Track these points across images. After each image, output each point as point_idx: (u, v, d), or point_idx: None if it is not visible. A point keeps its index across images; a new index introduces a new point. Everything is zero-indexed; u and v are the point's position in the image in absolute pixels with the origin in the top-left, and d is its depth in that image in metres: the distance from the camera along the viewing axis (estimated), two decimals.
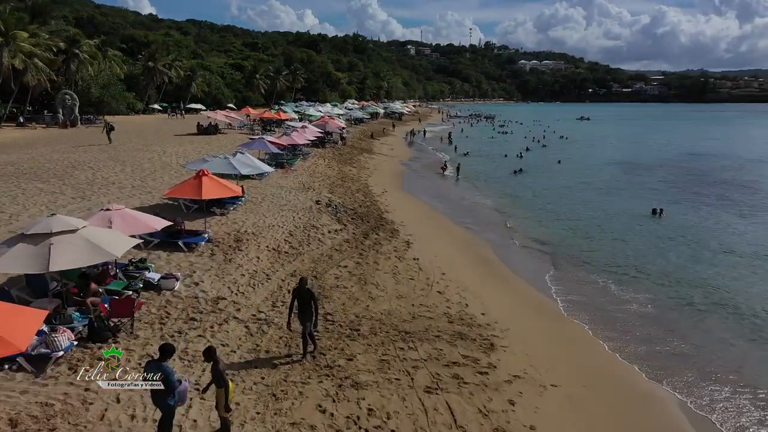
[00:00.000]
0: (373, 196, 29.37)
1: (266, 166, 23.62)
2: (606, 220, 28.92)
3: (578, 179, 42.18)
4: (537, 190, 37.15)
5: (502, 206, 31.57)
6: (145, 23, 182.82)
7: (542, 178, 42.51)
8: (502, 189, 37.30)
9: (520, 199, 33.75)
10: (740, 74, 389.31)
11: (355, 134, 62.78)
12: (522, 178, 42.14)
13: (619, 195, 36.08)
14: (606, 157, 58.45)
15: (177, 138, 43.88)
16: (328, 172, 34.72)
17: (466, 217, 28.11)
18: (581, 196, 35.59)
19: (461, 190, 36.87)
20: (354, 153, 46.57)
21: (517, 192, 36.24)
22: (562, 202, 33.09)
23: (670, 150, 66.43)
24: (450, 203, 31.61)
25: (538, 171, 46.36)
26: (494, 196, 34.70)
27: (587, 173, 45.94)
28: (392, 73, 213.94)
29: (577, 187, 38.50)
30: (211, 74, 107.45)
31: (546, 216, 29.31)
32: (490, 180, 41.12)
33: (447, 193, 35.28)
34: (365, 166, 40.87)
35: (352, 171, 37.14)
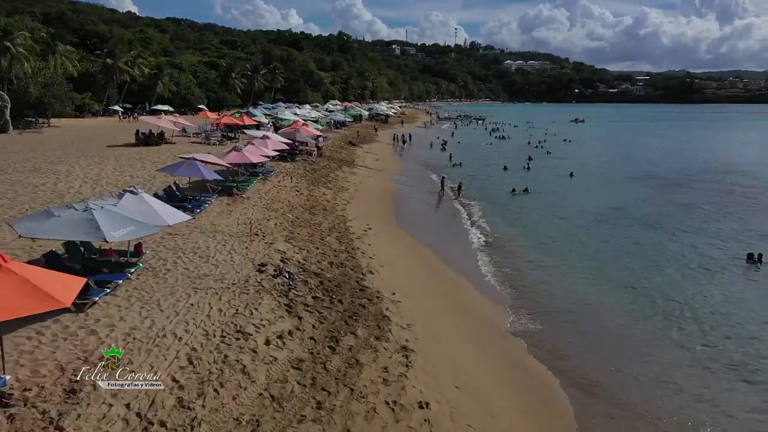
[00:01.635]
0: (352, 239, 20.64)
1: (169, 216, 14.10)
2: (691, 279, 19.63)
3: (605, 202, 33.62)
4: (560, 224, 27.80)
5: (520, 248, 23.11)
6: (122, 21, 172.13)
7: (559, 201, 33.85)
8: (514, 218, 28.63)
9: (546, 246, 23.80)
10: (721, 75, 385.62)
11: (334, 141, 53.88)
12: (533, 200, 33.47)
13: (677, 229, 27.20)
14: (624, 167, 50.06)
15: (108, 150, 34.64)
16: (292, 198, 25.85)
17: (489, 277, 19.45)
18: (625, 233, 26.32)
19: (469, 221, 28.24)
20: (331, 167, 37.73)
21: (538, 229, 26.76)
22: (605, 252, 23.08)
23: (692, 159, 57.41)
24: (461, 247, 22.97)
25: (549, 189, 37.80)
26: (508, 229, 26.15)
27: (612, 192, 37.52)
28: (377, 72, 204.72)
29: (611, 217, 29.54)
30: (181, 73, 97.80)
31: (599, 287, 18.82)
32: (495, 203, 32.36)
33: (455, 228, 26.59)
34: (344, 185, 32.07)
35: (326, 195, 28.30)
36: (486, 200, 33.04)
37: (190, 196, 22.08)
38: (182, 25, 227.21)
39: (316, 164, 37.21)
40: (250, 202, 23.53)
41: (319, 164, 37.66)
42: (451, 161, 51.04)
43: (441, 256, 20.88)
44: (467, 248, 22.89)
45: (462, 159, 52.13)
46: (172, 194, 21.26)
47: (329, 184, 31.52)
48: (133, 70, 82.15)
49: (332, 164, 39.16)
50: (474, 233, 25.22)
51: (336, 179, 33.72)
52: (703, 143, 78.02)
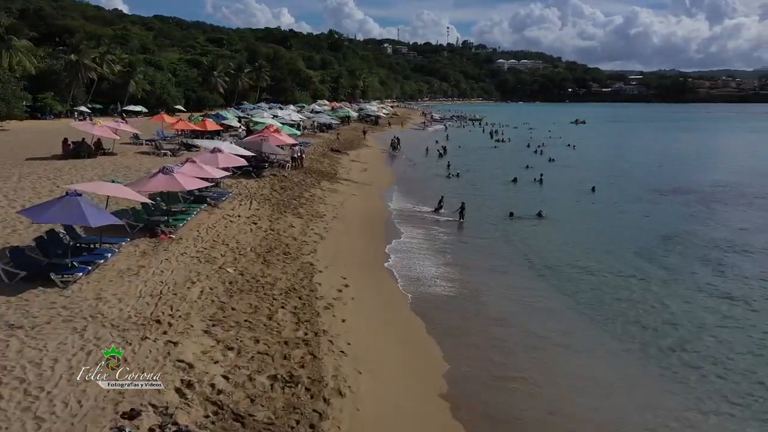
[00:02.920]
0: (317, 311, 13.74)
1: None
2: None
3: (648, 230, 26.62)
4: (606, 285, 18.53)
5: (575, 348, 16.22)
6: (107, 18, 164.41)
7: (585, 230, 26.85)
8: (541, 261, 21.71)
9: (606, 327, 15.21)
10: (711, 74, 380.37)
11: (317, 147, 46.85)
12: (550, 229, 26.41)
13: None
14: (647, 178, 43.03)
15: (25, 164, 27.46)
16: (244, 237, 18.89)
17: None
18: (709, 287, 18.37)
19: (486, 273, 21.14)
20: (307, 183, 30.73)
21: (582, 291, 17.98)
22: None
23: (720, 168, 50.04)
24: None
25: (569, 212, 30.96)
26: (546, 298, 19.27)
27: (651, 213, 30.53)
28: (368, 71, 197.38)
29: (671, 259, 21.61)
30: (157, 71, 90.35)
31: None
32: (508, 237, 25.29)
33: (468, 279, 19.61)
34: (319, 210, 25.10)
35: (294, 228, 21.33)
36: (493, 229, 26.16)
37: (87, 242, 15.12)
38: (169, 23, 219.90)
39: (289, 180, 30.18)
40: (178, 248, 16.54)
41: (293, 179, 30.64)
42: (449, 171, 44.26)
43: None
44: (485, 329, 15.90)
45: (461, 167, 45.28)
46: (55, 242, 14.29)
47: (300, 209, 24.53)
48: (102, 68, 74.75)
49: (309, 179, 32.15)
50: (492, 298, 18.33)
51: (311, 201, 26.72)
52: (720, 148, 70.99)
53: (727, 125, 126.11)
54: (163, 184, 17.43)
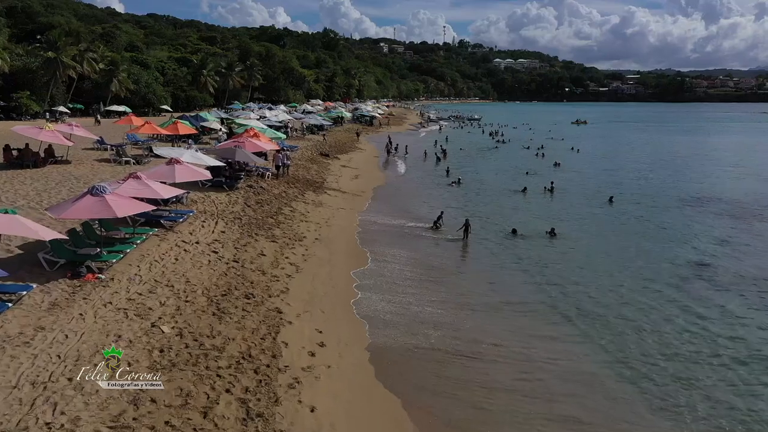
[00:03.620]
0: (276, 392, 9.92)
1: None
2: None
3: (681, 251, 22.96)
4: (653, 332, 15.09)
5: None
6: (98, 17, 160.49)
7: (608, 253, 22.93)
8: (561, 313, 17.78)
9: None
10: (707, 74, 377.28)
11: (304, 151, 42.92)
12: (567, 251, 22.53)
13: None
14: (665, 187, 38.98)
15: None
16: (198, 272, 14.99)
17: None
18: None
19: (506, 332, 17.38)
20: (289, 195, 26.83)
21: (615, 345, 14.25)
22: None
23: (746, 176, 44.79)
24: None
25: (586, 228, 27.20)
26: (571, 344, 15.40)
27: (679, 229, 26.83)
28: (364, 70, 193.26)
29: (715, 295, 17.64)
30: (143, 70, 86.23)
31: None
32: (522, 263, 21.47)
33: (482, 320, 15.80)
34: (298, 231, 21.20)
35: (264, 256, 17.46)
36: (500, 251, 22.35)
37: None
38: (163, 21, 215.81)
39: (268, 192, 26.27)
40: (105, 294, 12.65)
41: (272, 191, 26.73)
42: (449, 176, 40.53)
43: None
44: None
45: (461, 172, 41.57)
46: None
47: (276, 230, 20.63)
48: (82, 66, 70.60)
49: (292, 189, 28.23)
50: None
51: (290, 218, 22.82)
52: (741, 151, 66.12)
53: (738, 126, 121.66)
54: (88, 210, 13.52)
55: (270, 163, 32.00)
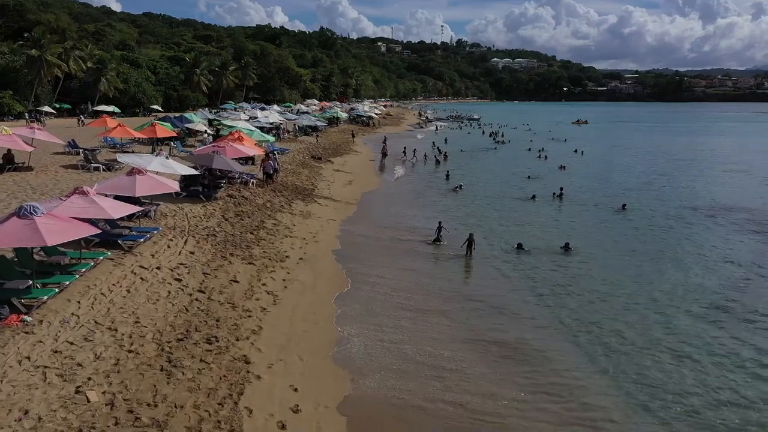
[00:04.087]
0: None
1: None
2: None
3: (721, 268, 20.41)
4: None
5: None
6: (93, 15, 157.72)
7: (636, 273, 20.07)
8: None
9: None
10: (704, 73, 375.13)
11: (296, 155, 40.30)
12: (594, 269, 20.05)
13: None
14: (682, 193, 36.41)
15: None
16: (149, 309, 12.36)
17: None
18: None
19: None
20: (274, 205, 24.21)
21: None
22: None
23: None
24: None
25: (603, 242, 24.64)
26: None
27: (707, 246, 24.20)
28: (362, 70, 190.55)
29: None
30: (132, 69, 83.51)
31: None
32: (530, 277, 19.03)
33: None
34: (281, 249, 18.59)
35: (238, 282, 14.87)
36: (509, 271, 19.77)
37: None
38: (158, 20, 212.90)
39: (251, 202, 23.67)
40: (26, 343, 10.04)
41: (256, 201, 24.13)
42: (449, 181, 38.03)
43: None
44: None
45: (462, 176, 39.02)
46: None
47: (255, 249, 18.05)
48: (68, 64, 67.89)
49: (279, 198, 25.64)
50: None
51: (273, 233, 20.22)
52: (754, 152, 63.37)
53: (741, 127, 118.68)
54: (12, 237, 10.94)
55: (257, 168, 29.48)
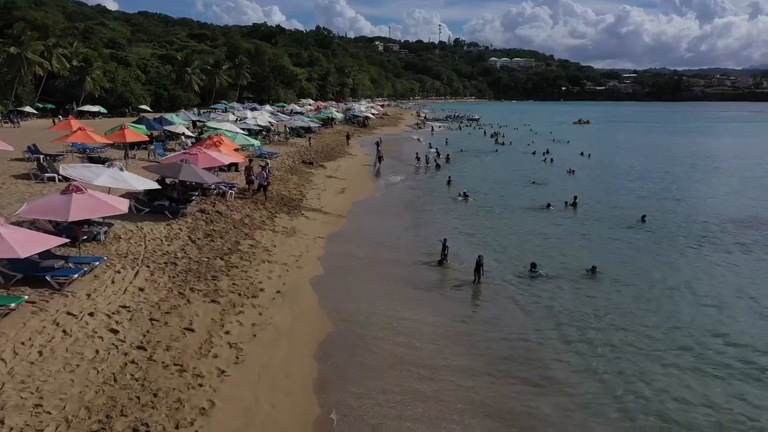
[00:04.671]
0: None
1: None
2: None
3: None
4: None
5: None
6: (87, 14, 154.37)
7: (674, 301, 17.18)
8: None
9: None
10: (702, 72, 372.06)
11: (285, 159, 37.13)
12: (623, 296, 17.01)
13: None
14: (707, 203, 33.18)
15: None
16: (61, 381, 9.25)
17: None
18: None
19: None
20: (254, 221, 21.05)
21: None
22: None
23: None
24: None
25: (629, 257, 21.56)
26: None
27: (743, 265, 21.13)
28: (359, 69, 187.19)
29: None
30: (120, 67, 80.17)
31: None
32: (552, 308, 15.97)
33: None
34: (255, 280, 15.45)
35: (194, 331, 11.77)
36: (525, 300, 16.67)
37: None
38: (154, 19, 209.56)
39: (226, 218, 20.51)
40: None
41: (233, 216, 20.98)
42: (450, 186, 35.00)
43: None
44: None
45: (464, 181, 36.00)
46: None
47: (224, 279, 14.90)
48: (50, 63, 64.63)
49: (260, 212, 22.50)
50: None
51: (249, 258, 17.06)
52: (761, 156, 60.04)
53: (748, 127, 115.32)
54: None
55: (240, 176, 26.34)
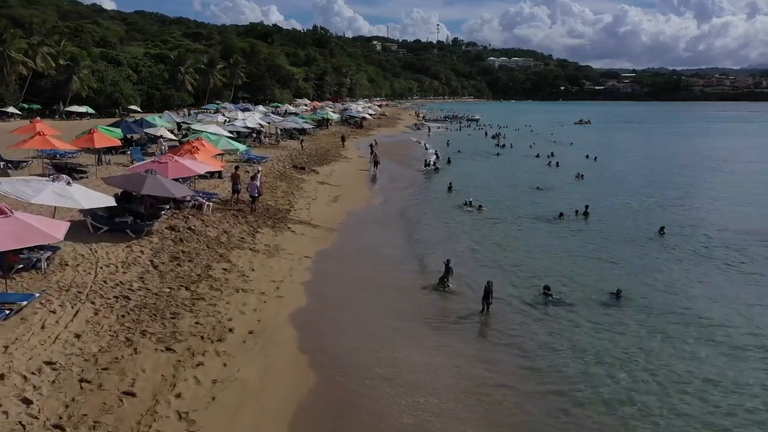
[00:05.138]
0: None
1: None
2: None
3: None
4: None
5: None
6: (83, 13, 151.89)
7: (713, 333, 15.03)
8: None
9: None
10: (700, 72, 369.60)
11: (275, 164, 34.61)
12: (653, 328, 14.54)
13: None
14: (726, 214, 30.78)
15: None
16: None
17: None
18: None
19: None
20: (231, 239, 18.51)
21: None
22: None
23: None
24: None
25: (652, 276, 19.13)
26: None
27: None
28: (357, 68, 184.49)
29: None
30: (110, 67, 77.52)
31: None
32: (573, 343, 13.53)
33: None
34: (223, 318, 12.90)
35: (133, 398, 9.27)
36: (544, 337, 14.16)
37: None
38: (150, 18, 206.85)
39: (199, 236, 17.99)
40: None
41: (208, 233, 18.45)
42: (451, 193, 32.59)
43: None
44: None
45: (468, 189, 33.56)
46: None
47: (186, 316, 12.36)
48: (34, 61, 62.05)
49: (241, 227, 19.97)
50: None
51: (220, 285, 14.51)
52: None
53: (750, 127, 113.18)
54: None
55: (223, 183, 23.84)
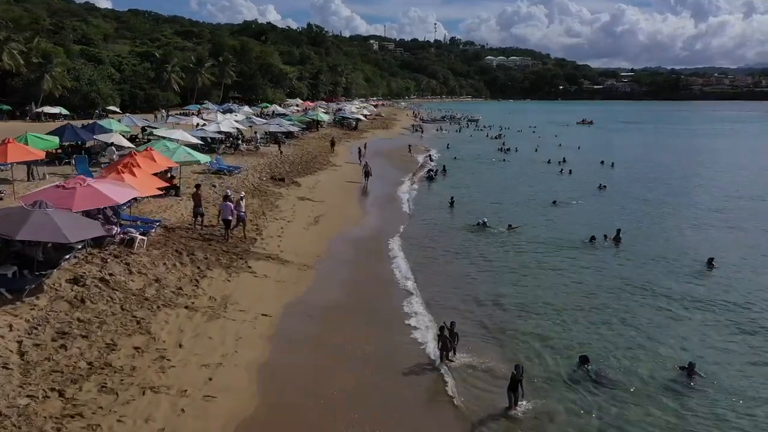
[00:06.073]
0: None
1: None
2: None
3: None
4: None
5: None
6: (74, 11, 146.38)
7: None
8: None
9: None
10: (697, 71, 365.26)
11: (250, 175, 29.59)
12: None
13: None
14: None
15: None
16: None
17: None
18: None
19: None
20: (163, 290, 13.57)
21: None
22: None
23: None
24: None
25: (722, 340, 14.36)
26: None
27: None
28: (352, 68, 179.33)
29: None
30: (88, 65, 72.36)
31: None
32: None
33: None
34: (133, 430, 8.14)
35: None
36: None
37: None
38: (143, 17, 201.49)
39: (117, 288, 13.03)
40: None
41: (130, 284, 13.45)
42: (453, 210, 27.82)
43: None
44: None
45: (472, 204, 28.77)
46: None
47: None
48: (1, 59, 56.96)
49: (181, 270, 15.01)
50: None
51: (122, 379, 9.60)
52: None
53: (754, 127, 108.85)
54: None
55: (178, 204, 18.84)
